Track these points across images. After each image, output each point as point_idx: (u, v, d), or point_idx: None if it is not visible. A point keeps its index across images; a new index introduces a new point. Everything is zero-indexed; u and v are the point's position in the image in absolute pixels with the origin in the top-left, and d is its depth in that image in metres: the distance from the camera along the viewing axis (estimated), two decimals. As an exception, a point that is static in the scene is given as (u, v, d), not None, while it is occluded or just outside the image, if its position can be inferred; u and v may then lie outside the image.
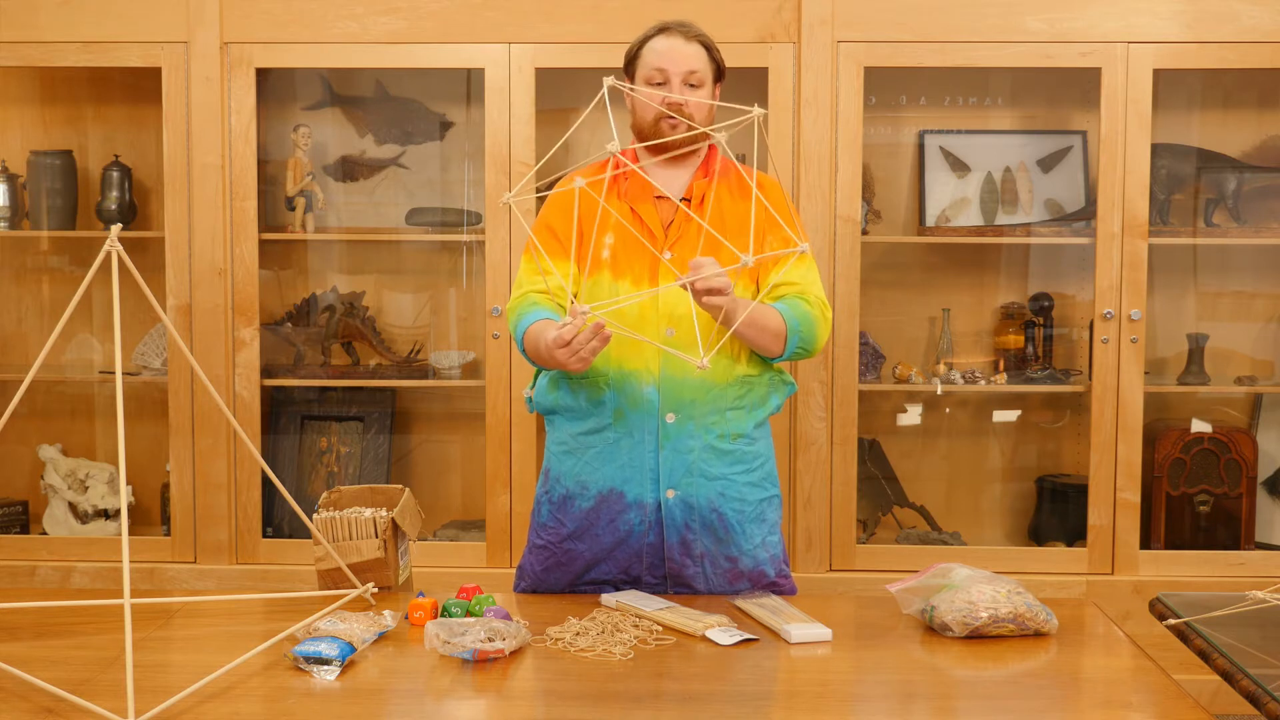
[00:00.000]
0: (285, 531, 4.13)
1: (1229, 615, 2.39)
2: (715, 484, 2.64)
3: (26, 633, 2.35)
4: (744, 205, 2.62)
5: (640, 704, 2.02)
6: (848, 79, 3.84)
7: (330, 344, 4.22)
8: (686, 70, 2.60)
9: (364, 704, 2.02)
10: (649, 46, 2.65)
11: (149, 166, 4.22)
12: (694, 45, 2.63)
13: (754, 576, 2.67)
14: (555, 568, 2.70)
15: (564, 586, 2.69)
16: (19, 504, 4.23)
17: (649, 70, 2.63)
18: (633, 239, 2.60)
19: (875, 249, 4.22)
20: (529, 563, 2.74)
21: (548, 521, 2.71)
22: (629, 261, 2.60)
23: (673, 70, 2.60)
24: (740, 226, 2.61)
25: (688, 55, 2.61)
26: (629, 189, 2.65)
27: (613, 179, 2.64)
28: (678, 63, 2.60)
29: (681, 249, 2.59)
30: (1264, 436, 4.22)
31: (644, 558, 2.65)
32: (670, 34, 2.64)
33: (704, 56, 2.63)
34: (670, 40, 2.63)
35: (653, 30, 2.67)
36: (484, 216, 3.97)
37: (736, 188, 2.65)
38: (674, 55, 2.61)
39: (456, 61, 3.94)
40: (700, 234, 2.57)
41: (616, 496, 2.64)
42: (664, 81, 2.60)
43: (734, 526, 2.65)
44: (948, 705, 2.05)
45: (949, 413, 4.25)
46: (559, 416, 2.71)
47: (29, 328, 4.32)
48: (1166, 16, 3.82)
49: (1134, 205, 3.86)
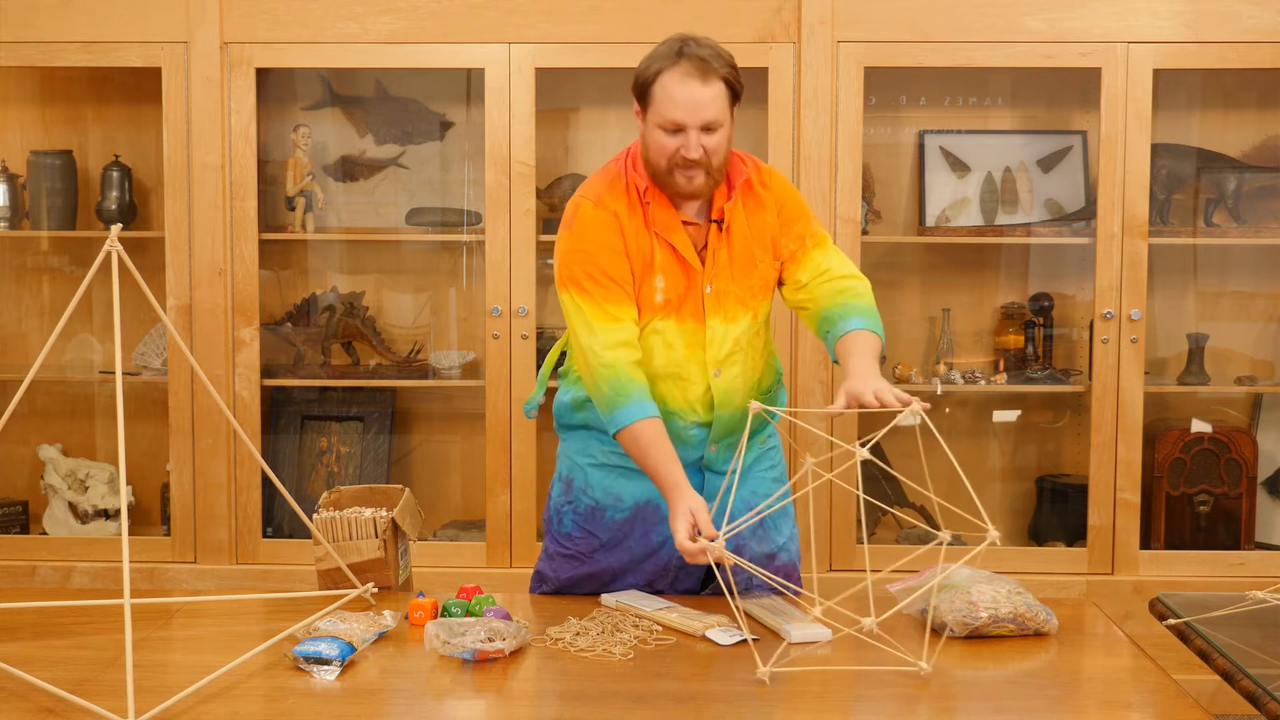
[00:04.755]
0: (285, 531, 4.12)
1: (1229, 615, 2.39)
2: (747, 485, 2.63)
3: (26, 633, 2.35)
4: (760, 218, 2.54)
5: (640, 704, 2.02)
6: (848, 79, 3.84)
7: (330, 344, 4.22)
8: (705, 120, 2.39)
9: (364, 704, 2.02)
10: (663, 86, 2.39)
11: (149, 166, 4.22)
12: (713, 87, 2.38)
13: (788, 570, 2.65)
14: (584, 580, 2.64)
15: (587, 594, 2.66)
16: (19, 504, 4.22)
17: (663, 117, 2.40)
18: (678, 274, 2.49)
19: (875, 249, 4.21)
20: (551, 570, 2.68)
21: (573, 532, 2.64)
22: (678, 298, 2.50)
23: (690, 122, 2.38)
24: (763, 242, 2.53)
25: (706, 103, 2.38)
26: (657, 217, 2.49)
27: (638, 203, 2.49)
28: (695, 112, 2.38)
29: (718, 279, 2.50)
30: (1264, 436, 4.21)
31: (671, 571, 2.62)
32: (687, 75, 2.38)
33: (723, 95, 2.40)
34: (687, 87, 2.37)
35: (666, 56, 2.41)
36: (484, 216, 3.97)
37: (753, 200, 2.54)
38: (692, 106, 2.37)
39: (456, 61, 3.94)
40: (731, 259, 2.50)
41: (653, 509, 2.59)
42: (680, 130, 2.40)
43: (768, 522, 2.63)
44: (948, 705, 2.05)
45: (949, 413, 4.25)
46: (587, 432, 2.64)
47: (29, 328, 4.32)
48: (1166, 16, 3.82)
49: (1134, 205, 3.86)
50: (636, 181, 2.49)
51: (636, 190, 2.49)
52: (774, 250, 2.55)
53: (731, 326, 2.52)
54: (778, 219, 2.55)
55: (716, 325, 2.51)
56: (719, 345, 2.51)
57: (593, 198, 2.50)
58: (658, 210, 2.48)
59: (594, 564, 2.64)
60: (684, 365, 2.51)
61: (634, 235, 2.47)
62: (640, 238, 2.47)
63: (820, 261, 2.56)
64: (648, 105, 2.43)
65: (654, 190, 2.48)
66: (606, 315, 2.45)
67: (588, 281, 2.45)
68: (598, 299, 2.45)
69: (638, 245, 2.47)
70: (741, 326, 2.53)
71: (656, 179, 2.47)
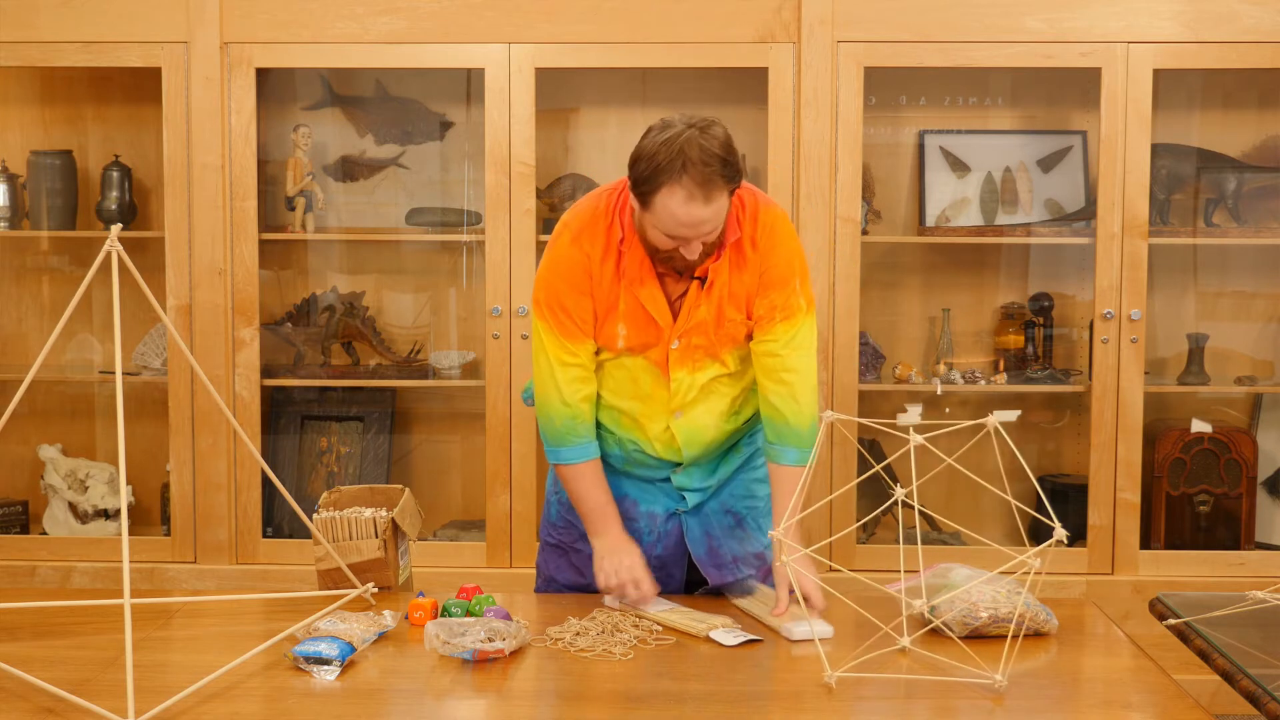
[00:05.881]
0: (285, 531, 4.12)
1: (1229, 615, 2.39)
2: (725, 486, 2.65)
3: (26, 633, 2.35)
4: (740, 278, 2.48)
5: (640, 704, 2.02)
6: (848, 79, 3.84)
7: (330, 344, 4.22)
8: (706, 232, 2.34)
9: (364, 704, 2.02)
10: (665, 203, 2.29)
11: (149, 166, 4.22)
12: (716, 204, 2.30)
13: None
14: (567, 568, 2.70)
15: (575, 588, 2.69)
16: (19, 504, 4.22)
17: (664, 227, 2.33)
18: (643, 324, 2.48)
19: (875, 249, 4.21)
20: (542, 561, 2.76)
21: (558, 522, 2.71)
22: (640, 346, 2.51)
23: (692, 237, 2.33)
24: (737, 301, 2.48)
25: (709, 218, 2.31)
26: (629, 269, 2.46)
27: (615, 251, 2.46)
28: (697, 229, 2.32)
29: (690, 335, 2.48)
30: (1264, 436, 4.21)
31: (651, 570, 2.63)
32: (691, 199, 2.27)
33: (726, 202, 2.33)
34: (690, 209, 2.28)
35: (668, 169, 2.27)
36: (484, 216, 3.96)
37: (738, 258, 2.47)
38: (693, 224, 2.31)
39: (456, 61, 3.94)
40: (706, 315, 2.47)
41: (631, 504, 2.65)
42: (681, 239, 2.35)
43: (750, 524, 2.65)
44: (948, 705, 2.04)
45: (949, 413, 4.25)
46: None
47: (29, 328, 4.32)
48: (1166, 16, 3.82)
49: (1134, 205, 3.86)
50: (619, 232, 2.46)
51: (616, 239, 2.46)
52: (746, 309, 2.50)
53: (698, 375, 2.53)
54: (758, 281, 2.49)
55: (681, 376, 2.52)
56: (683, 394, 2.53)
57: (573, 232, 2.49)
58: (630, 262, 2.46)
59: (576, 554, 2.67)
60: (648, 401, 2.54)
61: (602, 280, 2.47)
62: (609, 284, 2.47)
63: (776, 344, 2.49)
64: (646, 207, 2.34)
65: (632, 238, 2.45)
66: (565, 350, 2.50)
67: (549, 314, 2.50)
68: (557, 333, 2.50)
69: (604, 291, 2.48)
70: (708, 375, 2.54)
71: (650, 255, 2.43)
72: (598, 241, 2.47)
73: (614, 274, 2.46)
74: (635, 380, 2.54)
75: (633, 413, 2.56)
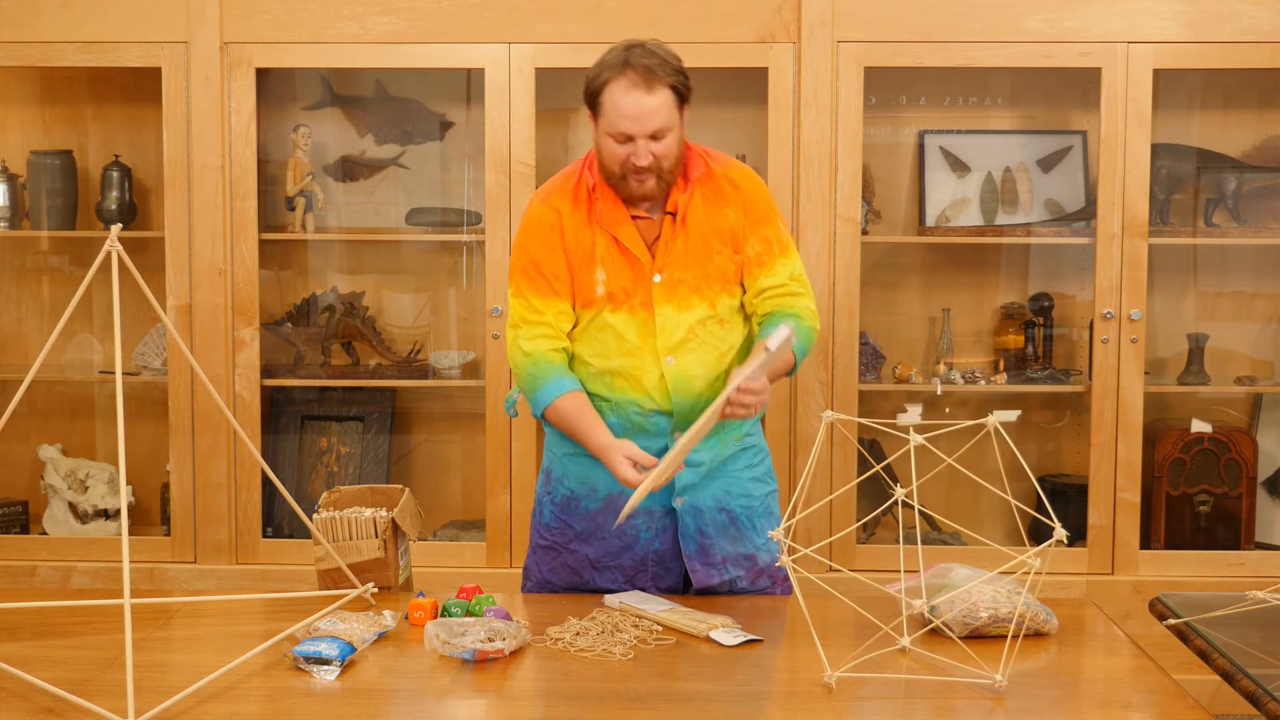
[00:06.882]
0: (285, 531, 4.13)
1: (1229, 615, 2.39)
2: (720, 483, 2.65)
3: (26, 633, 2.35)
4: (721, 212, 2.58)
5: (640, 704, 2.02)
6: (848, 79, 3.84)
7: (330, 344, 4.22)
8: (652, 129, 2.46)
9: (364, 704, 2.02)
10: (610, 97, 2.46)
11: (149, 166, 4.22)
12: (658, 95, 2.45)
13: (773, 573, 2.67)
14: (562, 569, 2.69)
15: (570, 589, 2.69)
16: (19, 504, 4.23)
17: (612, 127, 2.47)
18: (622, 266, 2.56)
19: (875, 249, 4.22)
20: (534, 563, 2.74)
21: (551, 523, 2.71)
22: (623, 292, 2.56)
23: (637, 132, 2.46)
24: (721, 236, 2.58)
25: (651, 112, 2.45)
26: (603, 212, 2.56)
27: (585, 200, 2.58)
28: (641, 123, 2.45)
29: (670, 268, 2.56)
30: (1264, 436, 4.22)
31: (649, 566, 2.65)
32: (633, 86, 2.44)
33: (670, 102, 2.47)
34: (633, 98, 2.44)
35: (613, 66, 2.47)
36: (484, 216, 3.97)
37: (714, 193, 2.58)
38: (637, 115, 2.44)
39: (456, 61, 3.94)
40: (686, 249, 2.56)
41: (625, 500, 2.61)
42: (628, 139, 2.47)
43: (744, 523, 2.66)
44: (948, 705, 2.04)
45: (949, 413, 4.25)
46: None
47: (29, 328, 4.32)
48: (1166, 16, 3.82)
49: (1134, 205, 3.86)
50: (589, 179, 2.58)
51: (586, 187, 2.58)
52: (734, 244, 2.58)
53: (685, 314, 2.55)
54: (745, 218, 2.58)
55: (668, 313, 2.55)
56: (670, 333, 2.55)
57: (541, 196, 2.63)
58: (604, 205, 2.56)
59: (571, 555, 2.67)
60: (637, 353, 2.56)
61: (574, 230, 2.56)
62: (581, 232, 2.56)
63: (782, 272, 2.60)
64: (597, 114, 2.51)
65: (603, 187, 2.56)
66: (531, 309, 2.57)
67: (520, 276, 2.58)
68: (526, 293, 2.57)
69: (577, 240, 2.56)
70: (697, 315, 2.56)
71: (610, 182, 2.55)
72: (566, 197, 2.59)
73: (586, 221, 2.56)
74: (621, 336, 2.56)
75: (624, 370, 2.56)
